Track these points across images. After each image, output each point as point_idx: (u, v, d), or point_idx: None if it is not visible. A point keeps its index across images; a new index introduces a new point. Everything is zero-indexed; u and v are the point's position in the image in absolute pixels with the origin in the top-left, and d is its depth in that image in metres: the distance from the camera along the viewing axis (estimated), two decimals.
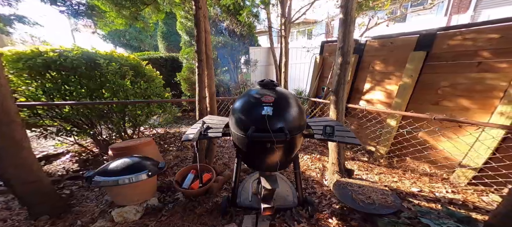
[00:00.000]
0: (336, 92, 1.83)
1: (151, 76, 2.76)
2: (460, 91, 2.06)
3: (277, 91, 1.34)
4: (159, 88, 3.06)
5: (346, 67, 1.73)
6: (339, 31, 1.69)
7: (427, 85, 2.29)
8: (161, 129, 3.76)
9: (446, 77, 2.14)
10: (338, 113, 1.88)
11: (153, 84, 2.77)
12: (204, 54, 1.95)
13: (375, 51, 2.81)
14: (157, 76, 3.01)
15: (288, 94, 1.36)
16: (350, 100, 3.30)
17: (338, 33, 1.71)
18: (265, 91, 1.32)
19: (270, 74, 5.18)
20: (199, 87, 2.01)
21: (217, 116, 1.86)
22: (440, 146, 2.18)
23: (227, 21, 4.88)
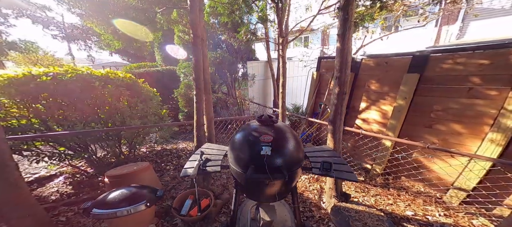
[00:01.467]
0: (333, 122, 1.86)
1: (148, 95, 2.75)
2: (452, 116, 2.12)
3: (275, 127, 1.36)
4: (156, 107, 3.04)
5: (343, 98, 1.76)
6: (337, 60, 1.73)
7: (421, 107, 2.35)
8: (158, 145, 3.72)
9: (439, 101, 2.20)
10: (336, 143, 1.90)
11: (151, 103, 2.75)
12: (202, 82, 1.96)
13: (371, 70, 2.88)
14: (154, 95, 3.00)
15: (286, 131, 1.37)
16: (346, 118, 3.35)
17: (335, 62, 1.75)
18: (264, 129, 1.33)
19: (268, 89, 5.22)
20: (197, 115, 2.01)
21: (215, 145, 1.86)
22: (434, 167, 2.23)
23: (225, 35, 4.94)
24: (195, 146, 2.15)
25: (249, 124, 1.49)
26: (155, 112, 2.99)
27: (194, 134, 2.10)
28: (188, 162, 1.58)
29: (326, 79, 3.75)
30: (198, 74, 1.93)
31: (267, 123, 1.38)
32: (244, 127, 1.46)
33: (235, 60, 4.64)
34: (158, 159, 3.28)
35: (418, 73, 2.30)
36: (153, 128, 2.72)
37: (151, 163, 3.09)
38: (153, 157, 3.26)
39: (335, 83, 1.77)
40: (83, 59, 17.35)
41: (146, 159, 3.15)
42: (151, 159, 3.20)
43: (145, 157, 3.19)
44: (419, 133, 2.40)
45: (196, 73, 1.93)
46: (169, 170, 2.94)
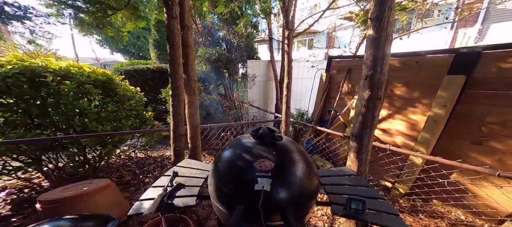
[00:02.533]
0: (359, 137, 1.34)
1: (124, 95, 2.27)
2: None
3: (278, 147, 0.86)
4: (139, 108, 2.56)
5: (376, 105, 1.25)
6: (367, 52, 1.24)
7: (467, 118, 1.82)
8: (141, 152, 3.22)
9: (493, 111, 1.67)
10: (361, 165, 1.37)
11: (128, 104, 2.27)
12: (182, 78, 1.48)
13: (395, 72, 2.37)
14: (135, 94, 2.52)
15: (294, 152, 0.87)
16: None
17: (366, 55, 1.26)
18: (261, 150, 0.84)
19: (270, 91, 4.73)
20: (174, 121, 1.51)
21: (197, 162, 1.36)
22: (482, 192, 1.68)
23: (224, 31, 4.51)
24: (172, 162, 1.65)
25: (240, 139, 0.99)
26: (136, 114, 2.51)
27: (171, 146, 1.60)
28: (149, 190, 1.08)
29: (337, 81, 3.24)
30: (174, 68, 1.45)
31: (267, 140, 0.88)
32: (233, 144, 0.97)
33: (234, 58, 4.18)
34: (138, 169, 2.77)
35: (464, 74, 1.78)
36: (126, 134, 2.22)
37: (128, 175, 2.59)
38: (132, 167, 2.75)
39: (364, 85, 1.27)
40: (88, 58, 17.19)
41: (121, 170, 2.64)
42: (129, 170, 2.70)
43: (119, 168, 2.68)
44: (463, 150, 1.87)
45: (173, 68, 1.45)
46: (149, 183, 2.43)
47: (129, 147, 3.01)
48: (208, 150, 3.55)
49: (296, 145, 0.96)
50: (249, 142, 0.92)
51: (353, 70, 2.96)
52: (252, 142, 0.91)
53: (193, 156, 1.80)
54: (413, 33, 4.02)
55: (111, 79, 2.21)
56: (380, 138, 2.56)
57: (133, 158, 2.83)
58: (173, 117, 1.50)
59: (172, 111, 1.49)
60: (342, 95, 3.11)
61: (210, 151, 3.51)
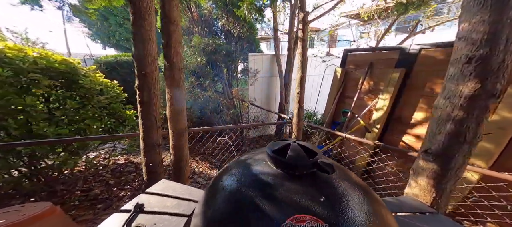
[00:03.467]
0: (442, 156, 0.84)
1: (92, 89, 1.74)
2: None
3: (329, 187, 0.35)
4: (116, 106, 2.03)
5: (485, 106, 0.75)
6: (471, 21, 0.73)
7: None
8: (123, 157, 2.68)
9: None
10: (440, 197, 0.88)
11: (96, 101, 1.74)
12: (155, 62, 0.97)
13: (436, 65, 1.90)
14: (110, 89, 2.00)
15: (360, 196, 0.37)
16: (385, 133, 2.36)
17: (466, 26, 0.76)
18: (294, 192, 0.34)
19: (274, 89, 4.24)
20: (144, 124, 1.00)
21: (181, 187, 0.84)
22: None
23: (223, 20, 3.99)
24: (145, 182, 1.14)
25: (249, 165, 0.46)
26: (111, 113, 1.99)
27: (142, 161, 1.08)
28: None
29: (354, 78, 2.77)
30: (141, 43, 0.94)
31: (301, 171, 0.38)
32: (237, 176, 0.43)
33: (234, 51, 3.67)
34: (114, 178, 2.23)
35: None
36: (69, 142, 1.64)
37: (99, 187, 2.05)
38: (105, 177, 2.21)
39: (463, 72, 0.77)
40: (82, 54, 16.35)
41: (89, 181, 2.09)
42: (101, 180, 2.16)
43: (88, 178, 2.13)
44: None
45: (137, 40, 0.94)
46: (125, 198, 1.91)
47: (106, 152, 2.48)
48: (202, 154, 3.04)
49: (356, 179, 0.46)
50: (267, 172, 0.42)
51: (376, 64, 2.49)
52: (272, 172, 0.41)
53: (177, 174, 1.29)
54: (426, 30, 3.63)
55: (74, 69, 1.68)
56: (413, 146, 2.10)
57: (108, 165, 2.29)
58: (142, 120, 1.00)
59: (140, 110, 0.99)
60: (362, 93, 2.64)
61: (205, 156, 3.01)
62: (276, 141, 0.53)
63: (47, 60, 1.55)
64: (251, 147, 3.66)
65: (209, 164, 2.85)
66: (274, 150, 0.45)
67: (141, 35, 0.92)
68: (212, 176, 2.63)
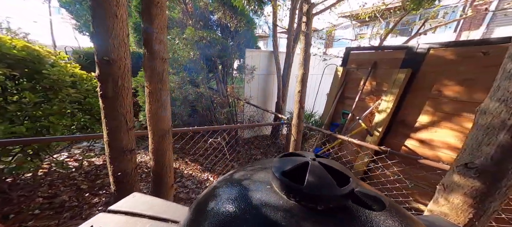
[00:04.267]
0: (488, 171, 0.69)
1: (60, 80, 1.48)
2: None
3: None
4: (92, 100, 1.78)
5: None
6: None
7: None
8: (100, 158, 2.41)
9: None
10: (478, 218, 0.73)
11: (64, 94, 1.49)
12: (124, 44, 0.77)
13: (445, 65, 1.79)
14: (83, 81, 1.74)
15: None
16: (386, 135, 2.24)
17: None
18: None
19: (271, 87, 4.07)
20: (108, 127, 0.79)
21: (159, 203, 0.63)
22: None
23: (220, 13, 3.76)
24: (113, 194, 0.92)
25: (246, 186, 0.24)
26: (86, 109, 1.73)
27: (109, 170, 0.86)
28: None
29: (355, 78, 2.64)
30: (105, 22, 0.73)
31: (327, 205, 0.21)
32: (232, 201, 0.29)
33: (230, 46, 3.45)
34: (88, 182, 1.96)
35: None
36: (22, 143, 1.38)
37: (68, 192, 1.76)
38: (78, 180, 1.93)
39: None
40: (68, 46, 15.44)
41: (57, 186, 1.81)
42: (72, 184, 1.88)
43: (55, 182, 1.84)
44: None
45: (97, 19, 0.72)
46: (99, 204, 1.66)
47: (83, 151, 2.20)
48: (193, 155, 2.82)
49: (410, 219, 0.28)
50: (274, 203, 0.26)
51: (379, 64, 2.36)
52: (281, 204, 0.26)
53: (157, 183, 1.07)
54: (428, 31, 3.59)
55: (37, 57, 1.42)
56: (418, 151, 1.99)
57: (82, 167, 2.02)
58: (106, 119, 0.78)
59: (103, 107, 0.77)
60: (363, 94, 2.51)
61: (195, 157, 2.78)
62: (284, 155, 0.35)
63: (2, 45, 1.28)
64: (246, 148, 3.47)
65: (200, 166, 2.63)
66: (284, 172, 0.28)
67: (104, 10, 0.70)
68: (203, 180, 2.41)
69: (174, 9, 3.62)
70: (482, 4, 5.66)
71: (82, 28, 12.26)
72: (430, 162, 1.35)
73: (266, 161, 0.46)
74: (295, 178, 0.27)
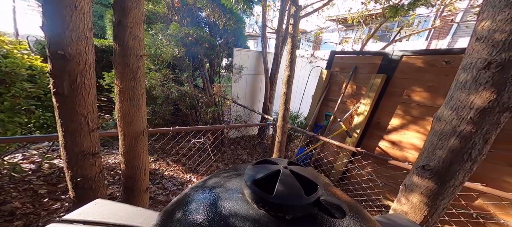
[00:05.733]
0: (440, 172, 0.76)
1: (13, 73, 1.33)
2: None
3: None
4: None
5: (499, 120, 0.68)
6: (497, 18, 0.64)
7: (508, 135, 1.44)
8: None
9: None
10: (431, 215, 0.80)
11: (18, 89, 1.34)
12: (86, 39, 0.71)
13: (415, 72, 1.94)
14: (43, 74, 1.59)
15: None
16: (363, 138, 2.38)
17: (490, 22, 0.66)
18: None
19: (259, 87, 4.08)
20: (64, 129, 0.73)
21: (127, 207, 0.60)
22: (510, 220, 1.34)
23: (208, 10, 3.67)
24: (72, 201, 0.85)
25: (219, 195, 0.21)
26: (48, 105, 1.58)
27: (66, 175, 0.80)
28: None
29: (338, 81, 2.76)
30: (61, 11, 0.67)
31: (296, 213, 0.22)
32: (201, 212, 0.29)
33: (218, 44, 3.39)
34: (48, 186, 1.78)
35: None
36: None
37: (21, 198, 1.57)
38: (35, 185, 1.76)
39: (478, 80, 0.69)
40: (33, 35, 13.90)
41: (6, 190, 1.62)
42: (26, 188, 1.70)
43: (4, 186, 1.65)
44: (497, 175, 1.50)
45: (50, 7, 0.66)
46: (60, 210, 1.52)
47: (43, 152, 2.02)
48: (175, 155, 2.73)
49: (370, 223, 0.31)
50: (245, 213, 0.27)
51: (360, 68, 2.49)
52: (251, 214, 0.27)
53: (128, 188, 1.02)
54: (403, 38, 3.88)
55: None
56: (389, 152, 2.13)
57: (41, 170, 1.84)
58: (61, 120, 0.72)
59: (57, 106, 0.70)
60: (345, 97, 2.63)
61: (177, 158, 2.70)
62: (258, 163, 0.35)
63: None
64: (232, 148, 3.44)
65: (182, 167, 2.56)
66: (256, 181, 0.28)
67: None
68: (185, 181, 2.35)
69: (159, 3, 3.46)
70: (449, 15, 6.24)
71: None
72: (397, 162, 1.46)
73: (242, 166, 0.45)
74: (267, 186, 0.27)
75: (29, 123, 1.40)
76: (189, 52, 3.13)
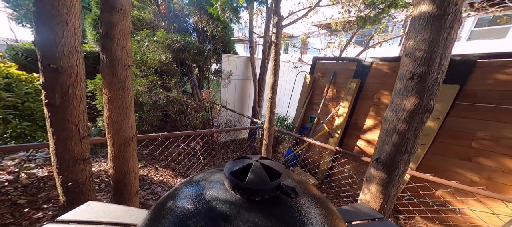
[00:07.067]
0: (388, 164, 0.92)
1: None
2: (504, 148, 1.50)
3: (291, 213, 0.32)
4: (34, 105, 1.59)
5: (422, 120, 0.84)
6: (416, 39, 0.82)
7: (457, 132, 1.70)
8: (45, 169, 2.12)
9: (486, 126, 1.57)
10: (386, 202, 0.96)
11: None
12: (77, 52, 0.78)
13: (383, 77, 2.18)
14: (28, 82, 1.56)
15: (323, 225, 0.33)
16: (344, 138, 2.59)
17: (412, 43, 0.84)
18: (250, 223, 0.29)
19: (248, 92, 4.20)
20: (55, 137, 0.78)
21: (118, 207, 0.65)
22: (466, 210, 1.59)
23: (196, 17, 3.74)
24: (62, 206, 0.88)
25: (202, 185, 0.35)
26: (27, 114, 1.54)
27: (57, 181, 0.83)
28: None
29: (321, 85, 2.97)
30: (53, 28, 0.73)
31: (263, 196, 0.29)
32: (188, 199, 0.37)
33: (206, 50, 3.46)
34: (27, 196, 1.69)
35: (458, 84, 1.65)
36: None
37: (0, 208, 1.50)
38: (13, 195, 1.67)
39: (407, 88, 0.86)
40: (3, 39, 12.57)
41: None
42: (3, 199, 1.61)
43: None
44: (450, 167, 1.75)
45: (42, 24, 0.72)
46: (43, 219, 1.47)
47: (20, 162, 1.92)
48: (164, 161, 2.71)
49: (321, 201, 0.42)
50: (223, 198, 0.36)
51: (339, 73, 2.72)
52: (229, 198, 0.35)
53: (118, 191, 1.06)
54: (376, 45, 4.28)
55: None
56: (365, 150, 2.35)
57: (18, 180, 1.76)
58: (52, 128, 0.76)
59: (49, 116, 0.75)
60: (326, 100, 2.84)
61: (167, 163, 2.69)
62: (237, 158, 0.44)
63: None
64: (222, 152, 3.49)
65: (172, 172, 2.56)
66: (233, 172, 0.36)
67: (52, 17, 0.69)
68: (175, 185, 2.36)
69: (144, 9, 3.46)
70: None
71: (22, 19, 10.07)
72: (366, 159, 1.65)
73: (224, 163, 0.54)
74: (242, 176, 0.35)
75: (5, 133, 1.36)
76: (177, 58, 3.16)
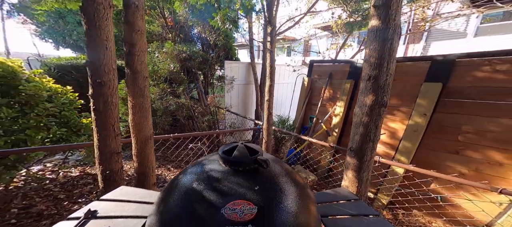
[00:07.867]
0: (358, 152, 1.09)
1: (36, 95, 1.57)
2: (489, 141, 1.61)
3: (263, 178, 0.50)
4: (69, 113, 1.86)
5: (379, 113, 1.02)
6: (370, 48, 1.02)
7: (444, 127, 1.83)
8: (77, 169, 2.39)
9: (470, 120, 1.69)
10: (361, 185, 1.12)
11: (41, 108, 1.58)
12: (112, 71, 1.01)
13: None
14: (60, 95, 1.82)
15: (287, 185, 0.53)
16: (342, 136, 2.73)
17: (368, 51, 1.03)
18: (236, 184, 0.46)
19: (250, 96, 4.41)
20: (99, 134, 1.00)
21: (141, 191, 0.86)
22: (459, 201, 1.69)
23: (199, 28, 4.04)
24: (101, 191, 1.10)
25: (203, 164, 0.58)
26: (62, 122, 1.80)
27: (98, 170, 1.05)
28: None
29: (318, 87, 3.14)
30: (96, 52, 0.96)
31: (245, 167, 0.51)
32: (191, 172, 0.56)
33: (210, 58, 3.73)
34: (65, 192, 1.95)
35: (441, 82, 1.79)
36: None
37: (44, 202, 1.75)
38: (54, 191, 1.93)
39: (366, 88, 1.04)
40: (26, 54, 13.52)
41: (31, 197, 1.80)
42: (47, 194, 1.87)
43: (28, 194, 1.82)
44: (440, 161, 1.86)
45: (91, 48, 0.95)
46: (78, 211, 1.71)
47: (55, 164, 2.19)
48: (174, 162, 2.94)
49: (288, 171, 0.60)
50: (217, 169, 0.53)
51: (334, 75, 2.89)
52: (221, 169, 0.52)
53: (140, 181, 1.27)
54: None
55: (12, 73, 1.51)
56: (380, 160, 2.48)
57: (57, 178, 2.02)
58: (97, 128, 0.98)
59: (94, 118, 0.98)
60: (324, 101, 3.01)
61: (177, 163, 2.91)
62: (228, 144, 0.64)
63: None
64: None
65: None
66: (224, 151, 0.56)
67: (96, 44, 0.93)
68: None
69: (153, 23, 3.77)
70: (420, 21, 7.03)
71: (45, 35, 10.92)
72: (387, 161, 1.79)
73: None
74: (229, 155, 0.53)
75: (46, 138, 1.61)
76: (184, 67, 3.43)
